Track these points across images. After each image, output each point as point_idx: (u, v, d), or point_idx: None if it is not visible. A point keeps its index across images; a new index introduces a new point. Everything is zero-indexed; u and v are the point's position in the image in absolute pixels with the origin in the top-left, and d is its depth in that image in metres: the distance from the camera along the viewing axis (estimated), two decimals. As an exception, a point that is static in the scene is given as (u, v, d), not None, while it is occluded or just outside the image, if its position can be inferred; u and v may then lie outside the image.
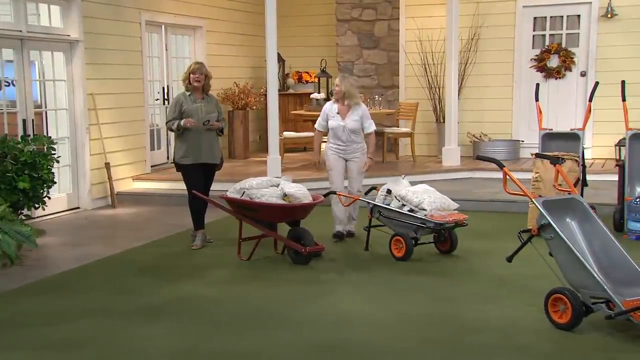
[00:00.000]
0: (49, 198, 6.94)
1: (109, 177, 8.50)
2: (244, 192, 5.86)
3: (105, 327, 4.45)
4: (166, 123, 6.51)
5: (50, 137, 7.17)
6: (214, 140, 6.46)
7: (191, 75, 6.33)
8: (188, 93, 6.39)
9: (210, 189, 6.60)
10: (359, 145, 6.53)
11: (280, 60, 11.15)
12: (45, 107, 8.19)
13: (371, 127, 6.52)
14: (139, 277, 5.59)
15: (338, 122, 6.45)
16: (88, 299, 5.04)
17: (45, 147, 6.80)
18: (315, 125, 6.72)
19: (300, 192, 5.83)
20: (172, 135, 10.21)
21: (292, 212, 5.85)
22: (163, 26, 9.98)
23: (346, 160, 6.55)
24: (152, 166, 9.56)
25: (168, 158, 10.21)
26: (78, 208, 8.33)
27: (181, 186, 8.76)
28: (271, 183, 6.03)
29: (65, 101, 8.22)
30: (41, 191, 6.64)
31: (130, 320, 4.57)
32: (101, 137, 8.49)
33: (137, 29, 9.15)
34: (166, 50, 10.14)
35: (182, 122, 6.26)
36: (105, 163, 8.51)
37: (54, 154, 6.87)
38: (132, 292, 5.19)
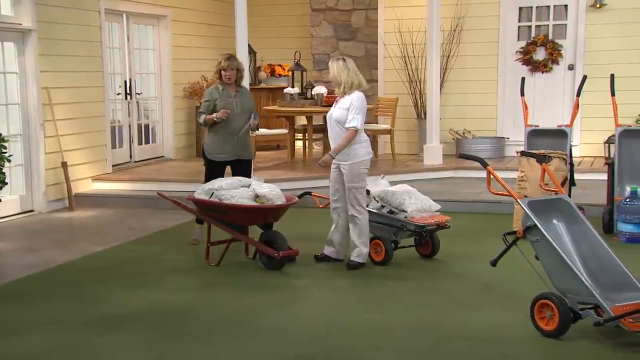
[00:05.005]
0: (0, 200, 6.85)
1: (66, 178, 8.42)
2: (212, 192, 5.85)
3: (64, 339, 4.41)
4: (198, 117, 6.57)
5: (1, 134, 7.07)
6: (246, 134, 6.61)
7: (222, 72, 6.45)
8: (221, 87, 6.49)
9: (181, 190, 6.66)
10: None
11: (252, 52, 11.14)
12: (-4, 102, 8.09)
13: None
14: (100, 284, 5.54)
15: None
16: (44, 309, 4.99)
17: (-5, 145, 6.71)
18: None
19: (273, 192, 5.83)
20: (135, 133, 10.20)
21: (264, 214, 5.86)
22: (124, 15, 9.91)
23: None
24: (113, 166, 9.49)
25: (131, 157, 10.16)
26: (32, 211, 8.23)
27: (144, 187, 8.83)
28: (242, 183, 6.03)
29: (17, 95, 8.12)
30: (-8, 193, 6.56)
31: (91, 331, 4.53)
32: (57, 134, 8.40)
33: (95, 17, 9.07)
34: (128, 41, 10.06)
35: (215, 116, 6.36)
36: (62, 162, 8.43)
37: (5, 152, 6.78)
38: (92, 300, 5.15)
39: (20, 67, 8.10)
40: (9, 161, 6.97)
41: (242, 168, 6.60)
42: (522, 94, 7.27)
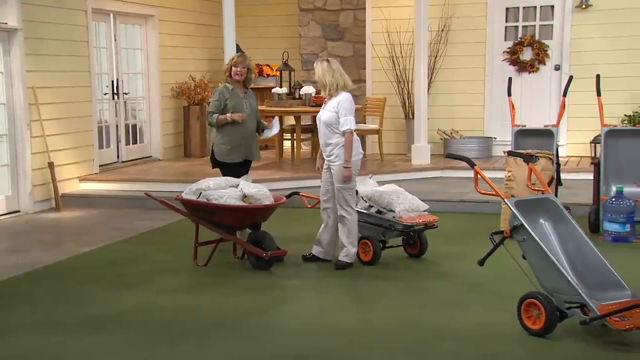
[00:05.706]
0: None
1: (53, 178, 8.38)
2: (200, 193, 5.83)
3: (49, 341, 4.39)
4: (209, 116, 6.40)
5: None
6: (254, 136, 6.57)
7: (233, 68, 6.35)
8: (230, 87, 6.39)
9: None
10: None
11: (239, 52, 11.10)
12: (-18, 102, 8.04)
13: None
14: (87, 285, 5.52)
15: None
16: (30, 310, 4.96)
17: (-18, 146, 6.67)
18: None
19: (260, 193, 5.83)
20: (122, 133, 10.16)
21: (252, 215, 5.85)
22: (111, 14, 9.87)
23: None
24: (100, 166, 9.45)
25: (118, 157, 10.11)
26: (18, 211, 8.18)
27: (132, 187, 8.80)
28: (230, 183, 6.02)
29: (3, 95, 8.08)
30: (-22, 193, 6.51)
31: (78, 332, 4.51)
32: (44, 134, 8.35)
33: (82, 17, 9.03)
34: (115, 40, 10.02)
35: (230, 117, 6.27)
36: (49, 162, 8.38)
37: (-8, 152, 6.75)
38: (78, 301, 5.13)
39: (6, 66, 8.05)
40: (-5, 161, 6.94)
41: (246, 168, 6.59)
42: (509, 94, 7.30)
